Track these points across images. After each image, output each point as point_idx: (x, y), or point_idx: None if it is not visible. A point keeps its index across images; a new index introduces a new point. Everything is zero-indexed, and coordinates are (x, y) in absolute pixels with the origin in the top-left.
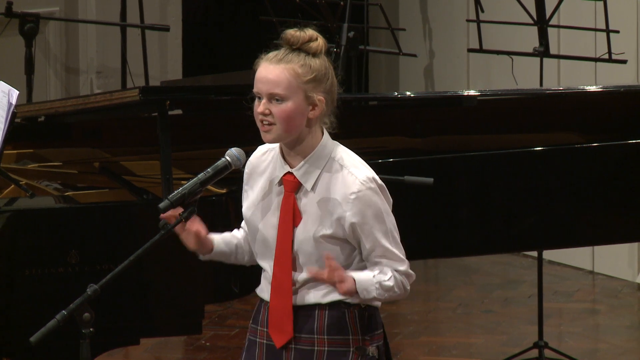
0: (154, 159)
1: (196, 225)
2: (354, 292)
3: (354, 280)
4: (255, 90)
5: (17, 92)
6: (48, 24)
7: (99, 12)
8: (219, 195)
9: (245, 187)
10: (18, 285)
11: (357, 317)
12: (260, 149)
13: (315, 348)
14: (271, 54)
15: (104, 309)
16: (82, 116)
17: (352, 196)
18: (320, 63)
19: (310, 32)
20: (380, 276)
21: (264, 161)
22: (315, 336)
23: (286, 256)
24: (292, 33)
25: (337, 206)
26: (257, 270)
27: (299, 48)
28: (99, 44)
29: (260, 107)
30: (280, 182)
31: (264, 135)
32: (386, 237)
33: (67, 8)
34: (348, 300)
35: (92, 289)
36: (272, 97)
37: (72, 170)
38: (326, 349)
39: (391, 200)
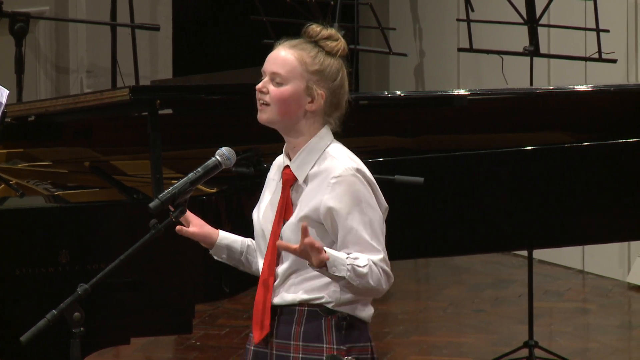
0: (145, 159)
1: (192, 228)
2: (323, 264)
3: (326, 253)
4: (262, 69)
5: (7, 92)
6: (38, 24)
7: (89, 12)
8: (209, 195)
9: (263, 189)
10: (8, 285)
11: (334, 326)
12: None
13: (291, 355)
14: (289, 41)
15: (94, 309)
16: (73, 116)
17: (333, 180)
18: (332, 62)
19: (332, 31)
20: (354, 260)
21: (280, 164)
22: (292, 342)
23: (273, 250)
24: (313, 27)
25: (319, 191)
26: None
27: (316, 42)
28: (89, 44)
29: (260, 83)
30: (281, 177)
31: (258, 115)
32: (364, 226)
33: (57, 7)
34: (328, 306)
35: (83, 289)
36: (274, 78)
37: (63, 169)
38: (301, 356)
39: (385, 204)
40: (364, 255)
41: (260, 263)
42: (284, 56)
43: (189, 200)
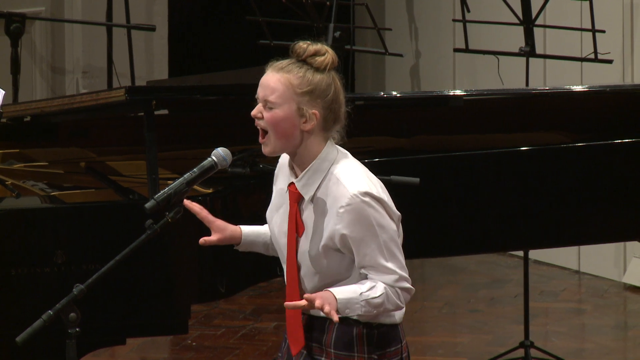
0: (140, 159)
1: (214, 236)
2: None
3: (335, 299)
4: (256, 95)
5: (3, 92)
6: (34, 24)
7: (85, 12)
8: (205, 195)
9: (273, 187)
10: (4, 285)
11: (365, 335)
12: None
13: (324, 359)
14: (277, 62)
15: (90, 309)
16: (68, 116)
17: (342, 210)
18: (322, 78)
19: (319, 46)
20: (368, 292)
21: (286, 171)
22: (324, 348)
23: (293, 265)
24: (300, 45)
25: (330, 219)
26: (243, 270)
27: (304, 60)
28: (84, 44)
29: (254, 109)
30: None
31: (263, 149)
32: (378, 250)
33: (53, 8)
34: (359, 319)
35: (78, 289)
36: (266, 104)
37: (58, 170)
38: None
39: (397, 213)
40: (381, 282)
41: (284, 267)
42: (272, 81)
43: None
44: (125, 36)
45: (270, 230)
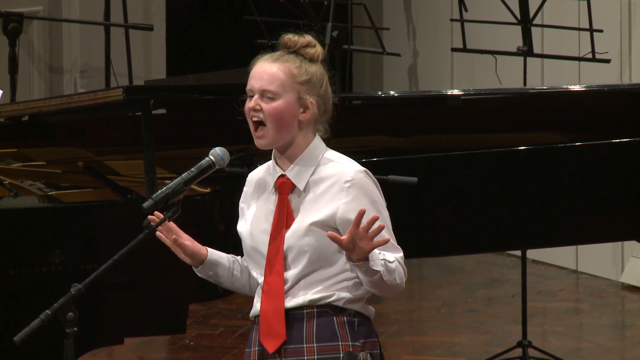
0: (138, 159)
1: (176, 234)
2: (366, 256)
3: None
4: (248, 87)
5: (1, 92)
6: (32, 24)
7: (83, 12)
8: (202, 195)
9: (241, 204)
10: (2, 285)
11: (347, 323)
12: (259, 168)
13: (305, 358)
14: (267, 55)
15: (87, 309)
16: (66, 116)
17: (347, 184)
18: (316, 69)
19: (309, 38)
20: (384, 256)
21: (262, 178)
22: (305, 345)
23: (278, 257)
24: (290, 37)
25: (332, 197)
26: None
27: (295, 51)
28: (82, 44)
29: (251, 102)
30: (274, 188)
31: (257, 142)
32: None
33: (51, 7)
34: (338, 304)
35: (76, 289)
36: (264, 94)
37: (56, 169)
38: (316, 357)
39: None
40: (389, 252)
41: (259, 277)
42: (270, 71)
43: (183, 200)
44: (123, 35)
45: (244, 239)
